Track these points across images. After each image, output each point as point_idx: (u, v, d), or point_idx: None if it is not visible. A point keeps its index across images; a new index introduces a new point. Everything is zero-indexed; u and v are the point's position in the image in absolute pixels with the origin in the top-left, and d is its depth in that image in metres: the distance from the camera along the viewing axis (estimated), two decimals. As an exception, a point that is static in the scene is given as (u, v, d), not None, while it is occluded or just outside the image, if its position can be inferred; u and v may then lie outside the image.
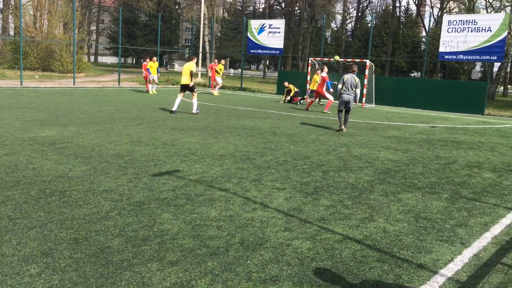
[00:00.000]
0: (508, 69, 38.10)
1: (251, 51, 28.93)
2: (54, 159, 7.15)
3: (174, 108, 14.43)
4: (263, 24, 28.08)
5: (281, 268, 3.73)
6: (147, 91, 22.73)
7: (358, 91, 12.02)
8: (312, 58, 24.66)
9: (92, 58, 72.09)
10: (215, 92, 24.54)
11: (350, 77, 11.91)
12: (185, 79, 14.47)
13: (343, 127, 12.04)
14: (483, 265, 4.01)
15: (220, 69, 24.84)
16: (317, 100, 19.67)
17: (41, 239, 4.04)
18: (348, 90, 11.90)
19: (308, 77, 23.26)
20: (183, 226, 4.54)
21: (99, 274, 3.47)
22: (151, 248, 3.98)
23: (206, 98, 21.51)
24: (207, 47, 44.72)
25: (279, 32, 27.34)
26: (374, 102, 22.75)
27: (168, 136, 9.81)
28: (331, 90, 17.98)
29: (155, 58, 22.83)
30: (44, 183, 5.80)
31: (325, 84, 17.61)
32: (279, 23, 27.88)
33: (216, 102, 19.32)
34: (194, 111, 14.46)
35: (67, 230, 4.29)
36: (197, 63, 51.98)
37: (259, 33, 27.96)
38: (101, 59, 79.37)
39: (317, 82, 18.51)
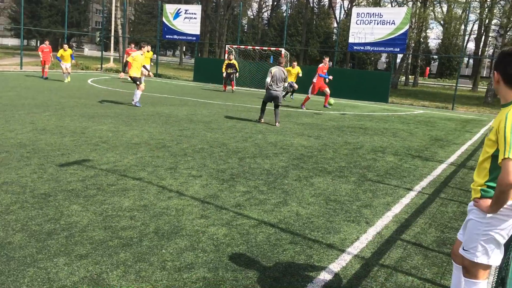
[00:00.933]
0: (409, 60, 41.03)
1: (167, 36, 28.23)
2: None
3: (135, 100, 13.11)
4: (179, 9, 27.48)
5: (197, 256, 3.73)
6: (43, 77, 20.73)
7: (286, 84, 11.62)
8: (229, 46, 24.66)
9: (-11, 39, 65.80)
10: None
11: (278, 71, 11.16)
12: (134, 71, 13.14)
13: (276, 123, 11.24)
14: (385, 242, 4.32)
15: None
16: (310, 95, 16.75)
17: None
18: (277, 85, 11.18)
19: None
20: (94, 218, 4.35)
21: (-2, 272, 3.21)
22: (58, 242, 3.77)
23: (120, 84, 20.66)
24: (120, 31, 42.82)
25: (195, 18, 26.93)
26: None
27: (77, 124, 9.29)
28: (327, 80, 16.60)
29: (66, 46, 20.79)
30: None
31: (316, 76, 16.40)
32: (196, 9, 27.47)
33: (129, 89, 18.64)
34: (134, 101, 13.09)
35: (-39, 227, 3.91)
36: (108, 48, 49.62)
37: (174, 18, 27.33)
38: (0, 40, 72.85)
39: (296, 75, 17.69)
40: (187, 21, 27.05)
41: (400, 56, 35.13)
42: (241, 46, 26.41)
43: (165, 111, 12.46)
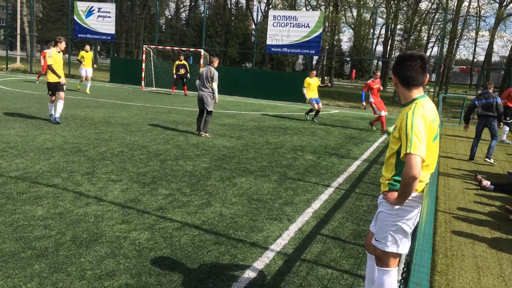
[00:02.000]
0: (324, 62, 42.79)
1: (79, 35, 26.88)
2: None
3: (55, 115, 10.13)
4: (92, 7, 26.29)
5: (118, 262, 3.62)
6: (36, 81, 17.81)
7: (215, 85, 9.77)
8: (146, 46, 24.07)
9: None
10: (87, 89, 18.29)
11: (205, 70, 9.80)
12: (53, 76, 10.10)
13: (202, 133, 9.94)
14: (306, 237, 4.50)
15: (83, 57, 18.17)
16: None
17: None
18: (204, 85, 9.80)
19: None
20: (3, 229, 4.06)
21: None
22: (-38, 257, 3.47)
23: (29, 85, 19.32)
24: (27, 29, 40.04)
25: (109, 17, 25.93)
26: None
27: (-20, 129, 8.56)
28: (363, 103, 13.35)
29: (88, 47, 18.20)
30: None
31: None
32: (109, 7, 26.45)
33: (39, 90, 17.51)
34: (54, 116, 10.10)
35: None
36: (14, 47, 46.10)
37: (87, 16, 26.11)
38: None
39: (317, 88, 14.23)
40: (101, 20, 25.98)
41: (315, 58, 36.55)
42: (159, 47, 25.89)
43: (80, 113, 11.88)
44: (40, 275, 3.31)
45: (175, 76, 20.55)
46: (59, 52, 10.12)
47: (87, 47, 18.41)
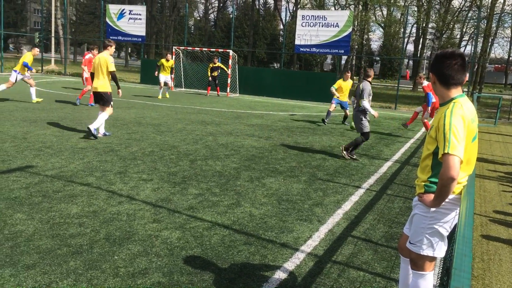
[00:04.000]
0: (354, 62, 42.35)
1: (111, 37, 27.41)
2: None
3: (97, 130, 8.70)
4: (123, 10, 26.81)
5: (150, 260, 3.67)
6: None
7: (364, 103, 8.39)
8: (176, 47, 24.37)
9: None
10: (160, 95, 17.80)
11: (360, 85, 8.37)
12: (100, 83, 8.80)
13: (344, 153, 8.30)
14: (336, 239, 4.45)
15: (163, 65, 17.90)
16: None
17: None
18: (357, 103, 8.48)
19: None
20: (40, 226, 4.17)
21: None
22: (2, 252, 3.59)
23: (62, 87, 19.87)
24: (61, 32, 41.20)
25: (140, 19, 26.38)
26: (238, 92, 23.43)
27: (17, 129, 8.85)
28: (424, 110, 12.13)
29: (170, 56, 17.92)
30: None
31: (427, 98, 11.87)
32: (140, 10, 26.91)
33: (73, 91, 17.97)
34: (92, 126, 8.47)
35: None
36: (49, 49, 47.46)
37: (118, 19, 26.64)
38: None
39: (348, 88, 13.69)
40: (132, 22, 26.45)
41: (344, 57, 36.20)
42: (188, 48, 26.18)
43: (112, 114, 12.11)
44: (76, 272, 3.39)
45: (210, 78, 20.76)
46: (104, 58, 8.81)
47: (169, 56, 18.00)
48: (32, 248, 3.71)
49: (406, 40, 48.34)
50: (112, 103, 9.01)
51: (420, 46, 41.83)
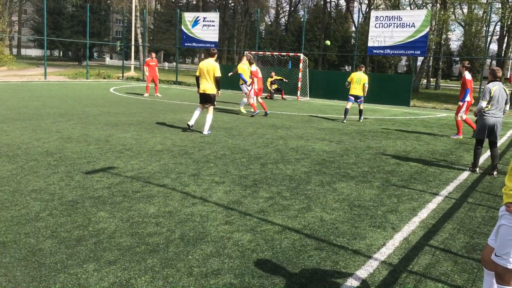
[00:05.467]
0: (430, 63, 40.50)
1: (186, 44, 28.52)
2: (-25, 158, 6.65)
3: (191, 123, 10.21)
4: (197, 17, 27.75)
5: (223, 262, 3.74)
6: (146, 95, 18.39)
7: (507, 107, 7.53)
8: (247, 52, 24.75)
9: (14, 50, 67.56)
10: (243, 107, 15.09)
11: (498, 87, 7.27)
12: (208, 86, 10.04)
13: (493, 172, 7.48)
14: (412, 248, 4.26)
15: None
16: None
17: (-37, 245, 3.75)
18: (499, 109, 7.34)
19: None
20: (120, 224, 4.41)
21: (30, 278, 3.28)
22: (87, 248, 3.83)
23: (141, 92, 20.93)
24: (140, 40, 43.49)
25: (213, 26, 27.15)
26: (308, 95, 23.31)
27: (101, 132, 9.45)
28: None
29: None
30: (-36, 185, 5.38)
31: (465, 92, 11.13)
32: (214, 16, 27.70)
33: (151, 97, 18.87)
34: (205, 131, 10.05)
35: (-7, 234, 4.02)
36: (129, 57, 50.35)
37: (193, 26, 27.61)
38: (24, 51, 74.66)
39: (363, 86, 13.55)
40: (206, 29, 27.29)
41: (420, 58, 34.73)
42: (260, 52, 26.48)
43: (186, 118, 12.55)
44: (153, 269, 3.53)
45: (271, 90, 21.62)
46: (212, 64, 9.91)
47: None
48: (114, 245, 3.92)
49: (489, 39, 45.40)
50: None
51: (504, 45, 39.10)
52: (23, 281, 3.23)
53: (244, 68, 14.39)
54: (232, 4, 61.55)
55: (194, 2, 68.94)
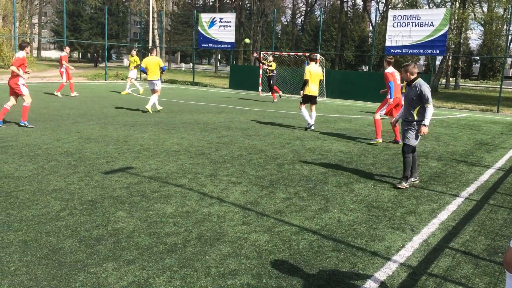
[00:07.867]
0: (449, 62, 39.91)
1: (203, 45, 28.65)
2: (-3, 158, 6.79)
3: (310, 122, 11.46)
4: (214, 18, 27.85)
5: (240, 262, 3.74)
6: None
7: None
8: (263, 52, 24.75)
9: (35, 52, 68.77)
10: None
11: None
12: (316, 89, 11.51)
13: None
14: (432, 250, 4.20)
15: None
16: None
17: (-13, 244, 3.83)
18: None
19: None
20: (139, 224, 4.45)
21: (51, 276, 3.33)
22: (106, 247, 3.88)
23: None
24: (157, 41, 43.84)
25: (230, 26, 27.21)
26: (325, 96, 23.19)
27: (119, 133, 9.55)
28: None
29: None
30: (-13, 184, 5.50)
31: None
32: (230, 17, 27.76)
33: (168, 97, 19.01)
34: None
35: (15, 232, 4.09)
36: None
37: (210, 27, 27.72)
38: (44, 53, 76.00)
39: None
40: (222, 29, 27.36)
41: (439, 58, 34.26)
42: (276, 53, 26.45)
43: (203, 118, 12.62)
44: (171, 269, 3.55)
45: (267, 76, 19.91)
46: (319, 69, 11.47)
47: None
48: (132, 245, 3.96)
49: (510, 37, 44.54)
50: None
51: (526, 43, 38.29)
52: (44, 279, 3.28)
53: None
54: (248, 4, 61.62)
55: (211, 3, 69.27)
